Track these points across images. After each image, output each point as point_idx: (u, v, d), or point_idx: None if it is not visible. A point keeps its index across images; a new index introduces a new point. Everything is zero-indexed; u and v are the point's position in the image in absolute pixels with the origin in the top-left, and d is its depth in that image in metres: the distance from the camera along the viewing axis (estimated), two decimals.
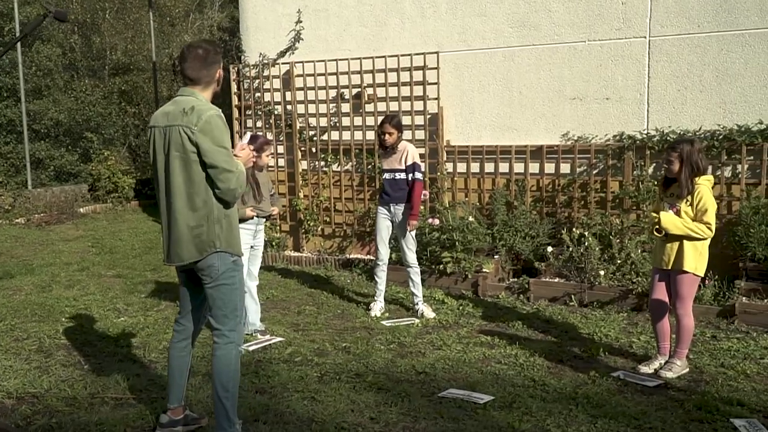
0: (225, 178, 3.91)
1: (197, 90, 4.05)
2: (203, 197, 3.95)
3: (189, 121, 3.90)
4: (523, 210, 8.31)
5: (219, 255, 4.02)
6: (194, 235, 3.98)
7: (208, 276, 4.05)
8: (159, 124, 4.05)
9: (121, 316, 7.06)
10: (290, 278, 8.66)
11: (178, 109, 3.97)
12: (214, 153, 3.89)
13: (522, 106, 8.51)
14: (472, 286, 7.77)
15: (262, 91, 9.99)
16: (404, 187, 6.87)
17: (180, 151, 3.93)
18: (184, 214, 3.97)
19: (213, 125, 3.89)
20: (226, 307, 4.09)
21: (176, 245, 4.03)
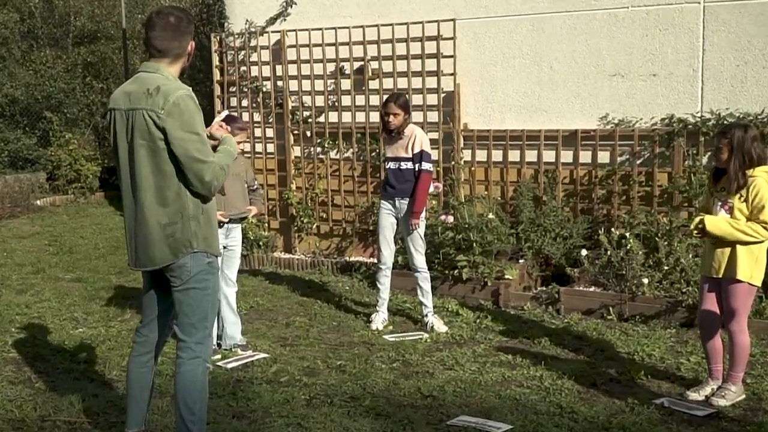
0: (198, 169, 3.91)
1: (163, 65, 4.04)
2: (175, 190, 3.96)
3: (154, 104, 3.90)
4: (554, 206, 8.28)
5: (192, 255, 4.03)
6: (167, 234, 3.99)
7: (177, 278, 4.06)
8: (120, 106, 4.04)
9: (80, 327, 7.06)
10: (279, 284, 8.66)
11: (142, 90, 3.96)
12: (184, 141, 3.89)
13: (553, 84, 8.47)
14: (492, 295, 7.75)
15: (249, 64, 9.99)
16: (411, 178, 6.87)
17: (146, 138, 3.93)
18: (153, 210, 3.98)
19: (182, 108, 3.89)
20: (195, 314, 4.10)
21: (146, 246, 4.04)
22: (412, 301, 7.71)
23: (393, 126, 6.83)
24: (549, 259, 8.17)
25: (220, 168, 3.99)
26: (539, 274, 8.19)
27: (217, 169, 3.97)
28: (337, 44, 9.36)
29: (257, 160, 10.07)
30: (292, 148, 9.89)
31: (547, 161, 8.50)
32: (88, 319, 7.32)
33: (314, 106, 9.65)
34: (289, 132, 9.85)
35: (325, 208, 9.78)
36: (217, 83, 10.23)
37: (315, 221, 9.82)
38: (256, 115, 10.04)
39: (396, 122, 6.81)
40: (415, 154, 6.82)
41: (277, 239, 10.08)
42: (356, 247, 9.61)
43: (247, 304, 7.76)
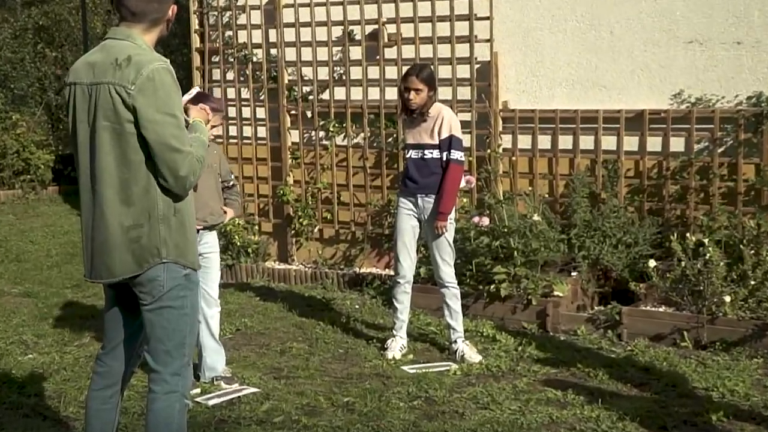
0: (173, 160, 3.93)
1: (136, 31, 4.06)
2: (143, 185, 3.98)
3: (123, 77, 3.92)
4: (615, 205, 8.26)
5: (166, 266, 4.05)
6: (130, 239, 4.01)
7: (147, 294, 4.09)
8: (81, 80, 4.07)
9: (29, 353, 7.10)
10: (272, 301, 8.69)
11: (109, 60, 3.99)
12: (157, 124, 3.91)
13: (614, 53, 8.45)
14: (538, 316, 7.74)
15: (236, 28, 10.01)
16: (437, 170, 6.88)
17: (111, 119, 3.95)
18: (115, 208, 4.00)
19: (157, 83, 3.91)
20: (170, 339, 4.12)
21: (104, 253, 4.06)
22: (437, 324, 7.71)
23: (415, 105, 6.84)
24: (609, 272, 8.13)
25: (197, 161, 4.01)
26: (596, 290, 8.16)
27: (194, 162, 3.99)
28: (345, 3, 9.38)
29: (245, 148, 10.12)
30: (288, 133, 9.90)
31: (606, 149, 8.48)
32: (39, 343, 7.36)
33: (316, 80, 9.67)
34: (285, 112, 9.87)
35: (329, 207, 9.80)
36: (196, 51, 10.27)
37: (317, 223, 9.84)
38: (244, 90, 10.08)
39: (418, 100, 6.82)
40: (442, 140, 6.83)
41: (270, 246, 10.09)
42: (368, 255, 9.63)
43: (232, 326, 7.79)
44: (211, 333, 6.39)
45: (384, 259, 9.50)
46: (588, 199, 8.43)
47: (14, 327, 7.82)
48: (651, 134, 8.34)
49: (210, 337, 6.40)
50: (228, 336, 7.53)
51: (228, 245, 9.63)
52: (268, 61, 9.89)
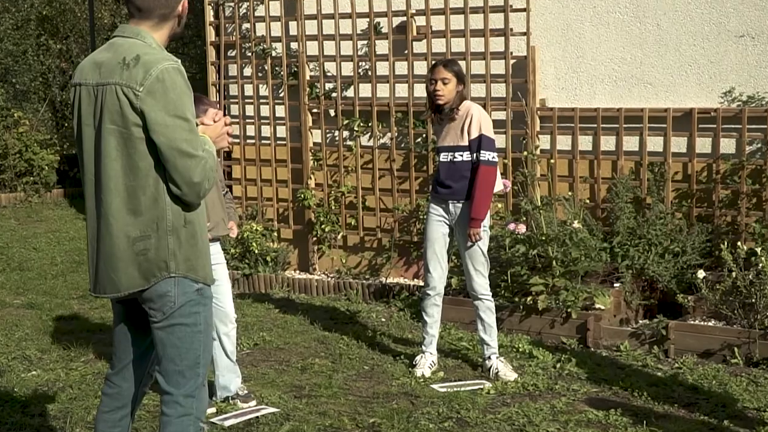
0: (186, 166, 3.95)
1: (145, 28, 4.11)
2: (152, 194, 4.01)
3: (131, 78, 3.95)
4: (661, 211, 8.26)
5: (176, 281, 4.08)
6: (137, 252, 4.03)
7: (157, 310, 4.11)
8: (87, 80, 4.10)
9: (33, 369, 7.15)
10: (292, 314, 8.73)
11: (117, 59, 4.02)
12: (168, 128, 3.93)
13: (660, 47, 8.45)
14: (578, 330, 7.75)
15: (253, 20, 10.07)
16: (468, 173, 6.89)
17: (117, 123, 3.98)
18: (121, 218, 4.03)
19: (168, 85, 3.94)
20: (183, 360, 4.15)
21: (109, 266, 4.09)
22: (470, 339, 7.73)
23: (442, 98, 6.82)
24: (654, 283, 8.13)
25: (210, 168, 4.03)
26: (641, 302, 8.16)
27: (207, 168, 4.00)
28: None
29: (263, 148, 10.20)
30: (310, 132, 9.96)
31: (652, 151, 8.48)
32: (43, 359, 7.41)
33: (340, 75, 9.71)
34: (307, 110, 9.92)
35: (353, 213, 9.84)
36: (210, 45, 10.33)
37: (340, 230, 9.88)
38: (263, 87, 10.14)
39: (446, 92, 6.82)
40: (471, 140, 6.83)
41: (290, 254, 10.14)
42: (395, 264, 9.65)
43: (250, 341, 7.83)
44: (224, 350, 6.40)
45: (412, 268, 9.52)
46: (632, 204, 8.42)
47: (17, 341, 7.87)
48: (700, 135, 8.33)
49: (224, 354, 6.40)
50: (245, 351, 7.57)
51: (245, 253, 9.70)
52: (288, 55, 9.94)
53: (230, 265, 9.68)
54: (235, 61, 10.25)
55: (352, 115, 9.72)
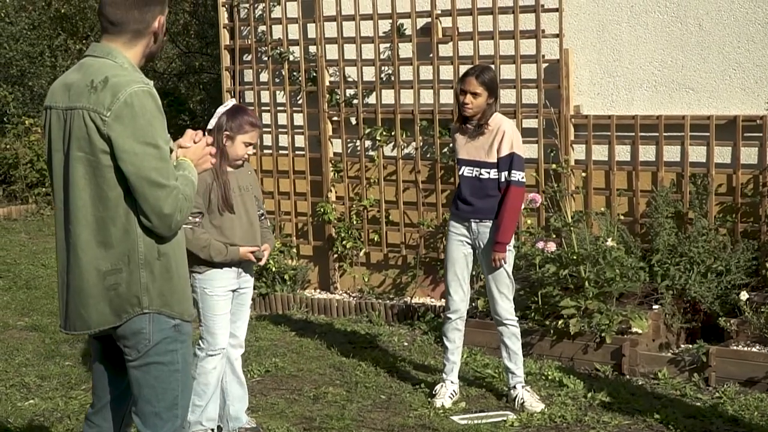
0: (155, 197, 3.93)
1: (117, 46, 4.09)
2: (122, 225, 4.00)
3: (99, 102, 3.94)
4: (704, 227, 8.18)
5: (151, 317, 4.06)
6: (107, 286, 4.03)
7: (133, 348, 4.11)
8: (57, 104, 4.11)
9: (31, 398, 7.17)
10: (309, 337, 8.72)
11: (85, 81, 4.01)
12: (136, 156, 3.91)
13: (703, 50, 8.39)
14: (613, 356, 7.68)
15: (269, 22, 10.07)
16: (494, 192, 6.84)
17: (85, 150, 3.97)
18: (91, 252, 4.03)
19: (137, 109, 3.92)
20: (160, 400, 4.14)
21: (78, 301, 4.09)
22: (496, 365, 7.67)
23: (470, 111, 6.79)
24: (697, 305, 8.04)
25: (184, 198, 4.00)
26: (682, 325, 8.09)
27: (180, 198, 3.98)
28: None
29: (281, 159, 10.18)
30: (330, 142, 9.94)
31: (694, 161, 8.42)
32: (42, 386, 7.43)
33: (361, 81, 9.69)
34: (326, 118, 9.90)
35: (376, 228, 9.81)
36: (225, 49, 10.34)
37: (362, 246, 9.85)
38: (280, 94, 10.13)
39: (475, 106, 6.77)
40: (501, 157, 6.77)
41: (311, 271, 10.13)
42: (420, 283, 9.61)
43: (261, 367, 7.82)
44: (236, 377, 6.42)
45: (439, 287, 9.46)
46: (673, 219, 8.35)
47: (16, 367, 7.92)
48: (745, 144, 8.25)
49: (235, 382, 6.42)
50: (256, 379, 7.58)
51: (262, 272, 9.66)
52: (307, 60, 9.93)
53: None
54: (251, 66, 10.25)
55: (374, 124, 9.69)
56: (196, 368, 6.16)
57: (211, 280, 6.12)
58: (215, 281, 6.13)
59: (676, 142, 8.46)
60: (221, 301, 6.17)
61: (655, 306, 8.02)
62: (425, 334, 8.71)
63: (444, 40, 9.24)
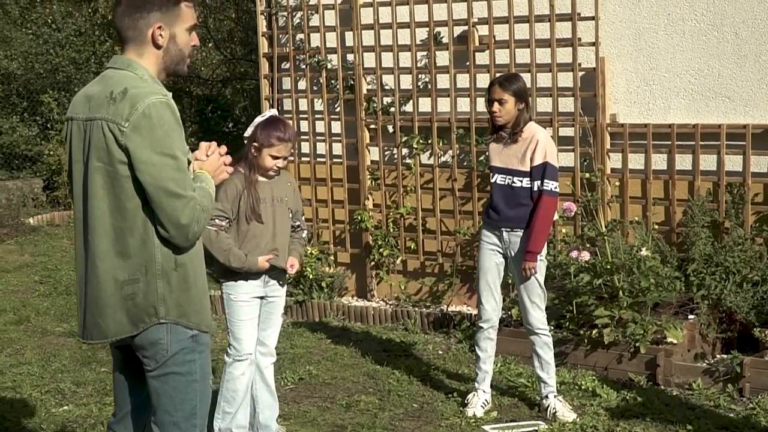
0: (173, 207, 3.97)
1: (134, 56, 4.14)
2: (140, 235, 4.04)
3: (117, 113, 3.98)
4: (740, 236, 8.14)
5: (168, 327, 4.11)
6: (125, 296, 4.07)
7: (151, 359, 4.15)
8: (78, 114, 4.16)
9: (65, 404, 7.25)
10: (344, 345, 8.76)
11: (105, 93, 4.06)
12: (154, 166, 3.95)
13: (739, 58, 8.35)
14: (647, 366, 7.66)
15: (307, 30, 10.13)
16: (526, 201, 6.86)
17: (104, 160, 4.02)
18: (109, 261, 4.07)
19: (155, 120, 3.95)
20: (178, 410, 4.17)
21: (96, 311, 4.13)
22: (530, 375, 7.67)
23: (501, 119, 6.81)
24: (733, 314, 8.01)
25: (201, 208, 4.03)
26: (718, 335, 8.05)
27: (198, 209, 4.01)
28: (431, 1, 9.43)
29: (318, 167, 10.23)
30: (367, 150, 9.98)
31: (731, 170, 8.38)
32: (77, 393, 7.52)
33: (398, 89, 9.72)
34: (364, 126, 9.94)
35: (413, 236, 9.84)
36: (263, 57, 10.41)
37: (399, 254, 9.89)
38: (318, 102, 10.19)
39: (505, 113, 6.78)
40: (534, 167, 6.78)
41: (348, 278, 10.17)
42: (457, 291, 9.62)
43: (295, 375, 7.87)
44: (266, 385, 6.47)
45: (475, 296, 9.43)
46: (709, 228, 8.31)
47: (52, 373, 8.01)
48: None
49: (265, 390, 6.47)
50: (289, 386, 7.63)
51: (299, 279, 9.73)
52: (344, 68, 9.98)
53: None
54: (289, 74, 10.31)
55: (411, 132, 9.72)
56: (225, 374, 6.25)
57: (236, 285, 6.19)
58: (239, 287, 6.20)
59: (713, 150, 8.43)
60: (245, 307, 6.23)
61: (690, 316, 8.01)
62: (460, 342, 8.73)
63: (480, 48, 9.26)
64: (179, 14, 4.16)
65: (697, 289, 8.07)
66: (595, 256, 8.05)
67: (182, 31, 4.18)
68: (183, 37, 4.19)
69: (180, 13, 4.17)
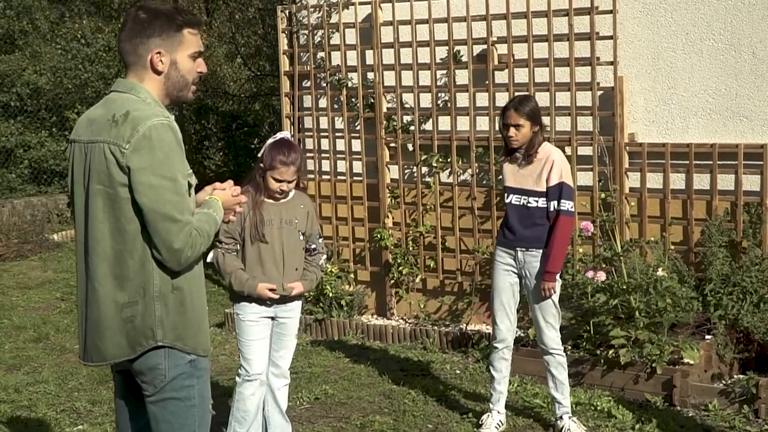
0: (167, 230, 4.00)
1: (136, 80, 4.18)
2: (139, 258, 4.08)
3: (119, 136, 4.02)
4: (757, 256, 8.13)
5: (166, 352, 4.15)
6: (124, 319, 4.11)
7: (149, 384, 4.20)
8: (81, 137, 4.22)
9: (80, 423, 7.34)
10: (362, 364, 8.79)
11: (107, 116, 4.11)
12: (152, 188, 3.99)
13: (756, 78, 8.35)
14: (664, 387, 7.64)
15: (328, 49, 10.20)
16: (541, 221, 6.87)
17: (104, 183, 4.06)
18: (108, 284, 4.12)
19: (155, 142, 3.99)
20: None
21: (96, 334, 4.19)
22: (546, 395, 7.65)
23: (517, 143, 6.84)
24: (750, 335, 7.99)
25: (198, 233, 4.06)
26: (735, 356, 8.03)
27: (194, 235, 4.03)
28: (450, 20, 9.47)
29: (339, 185, 10.29)
30: (387, 168, 10.03)
31: (748, 190, 8.38)
32: (93, 412, 7.60)
33: (418, 107, 9.77)
34: (384, 145, 9.99)
35: (432, 254, 9.87)
36: (285, 75, 10.48)
37: (419, 272, 9.92)
38: (338, 120, 10.25)
39: (520, 137, 6.81)
40: (550, 187, 6.80)
41: (367, 297, 10.22)
42: (476, 310, 9.64)
43: (311, 395, 7.91)
44: (278, 406, 6.52)
45: None
46: (726, 248, 8.30)
47: (68, 392, 8.09)
48: None
49: (276, 412, 6.52)
50: (305, 406, 7.68)
51: (319, 297, 9.78)
52: (365, 86, 10.04)
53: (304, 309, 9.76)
54: (310, 92, 10.37)
55: (430, 150, 9.75)
56: (235, 394, 6.31)
57: (244, 305, 6.25)
58: (248, 307, 6.25)
59: (731, 170, 8.42)
60: (254, 327, 6.28)
61: (707, 336, 7.99)
62: (478, 362, 8.73)
63: (500, 67, 9.30)
64: (181, 40, 4.19)
65: (715, 309, 8.06)
66: (612, 276, 8.05)
67: (184, 58, 4.21)
68: (186, 63, 4.21)
69: (182, 40, 4.19)
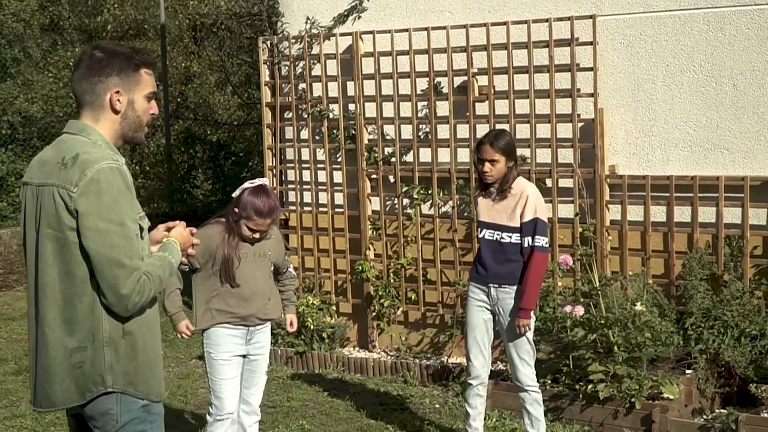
0: (113, 276, 3.96)
1: (89, 122, 4.15)
2: (89, 303, 4.05)
3: (67, 179, 4.00)
4: (738, 289, 8.09)
5: (117, 397, 4.11)
6: (73, 364, 4.08)
7: (101, 429, 4.15)
8: (32, 180, 4.19)
9: None
10: (341, 398, 8.74)
11: (57, 158, 4.08)
12: (99, 232, 3.96)
13: (737, 110, 8.35)
14: (643, 422, 7.60)
15: (309, 80, 10.21)
16: (515, 257, 6.83)
17: (54, 227, 4.04)
18: (58, 329, 4.08)
19: (103, 185, 3.97)
20: None
21: (44, 379, 4.14)
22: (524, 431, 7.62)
23: (491, 178, 6.82)
24: (732, 369, 7.95)
25: (147, 278, 4.02)
26: (717, 390, 7.99)
27: (142, 280, 4.00)
28: (431, 51, 9.48)
29: (320, 216, 10.27)
30: (368, 200, 10.01)
31: (729, 222, 8.35)
32: None
33: (399, 139, 9.77)
34: (365, 177, 9.98)
35: (414, 286, 9.84)
36: (266, 107, 10.48)
37: (400, 305, 9.89)
38: (320, 151, 10.24)
39: (495, 172, 6.79)
40: (524, 223, 6.77)
41: (349, 329, 10.18)
42: (457, 343, 9.57)
43: (287, 430, 7.88)
44: None
45: None
46: (707, 281, 8.26)
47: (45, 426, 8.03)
48: None
49: None
50: None
51: (300, 330, 9.73)
52: (346, 117, 10.04)
53: (285, 342, 9.76)
54: (291, 124, 10.37)
55: (411, 182, 9.74)
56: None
57: (217, 345, 6.22)
58: (220, 345, 6.23)
59: (711, 203, 8.41)
60: (226, 366, 6.25)
61: (688, 370, 7.95)
62: (458, 395, 8.64)
63: (480, 99, 9.30)
64: (138, 80, 4.18)
65: (695, 343, 8.02)
66: (590, 310, 8.02)
67: (141, 98, 4.20)
68: (141, 103, 4.21)
69: (139, 80, 4.19)
